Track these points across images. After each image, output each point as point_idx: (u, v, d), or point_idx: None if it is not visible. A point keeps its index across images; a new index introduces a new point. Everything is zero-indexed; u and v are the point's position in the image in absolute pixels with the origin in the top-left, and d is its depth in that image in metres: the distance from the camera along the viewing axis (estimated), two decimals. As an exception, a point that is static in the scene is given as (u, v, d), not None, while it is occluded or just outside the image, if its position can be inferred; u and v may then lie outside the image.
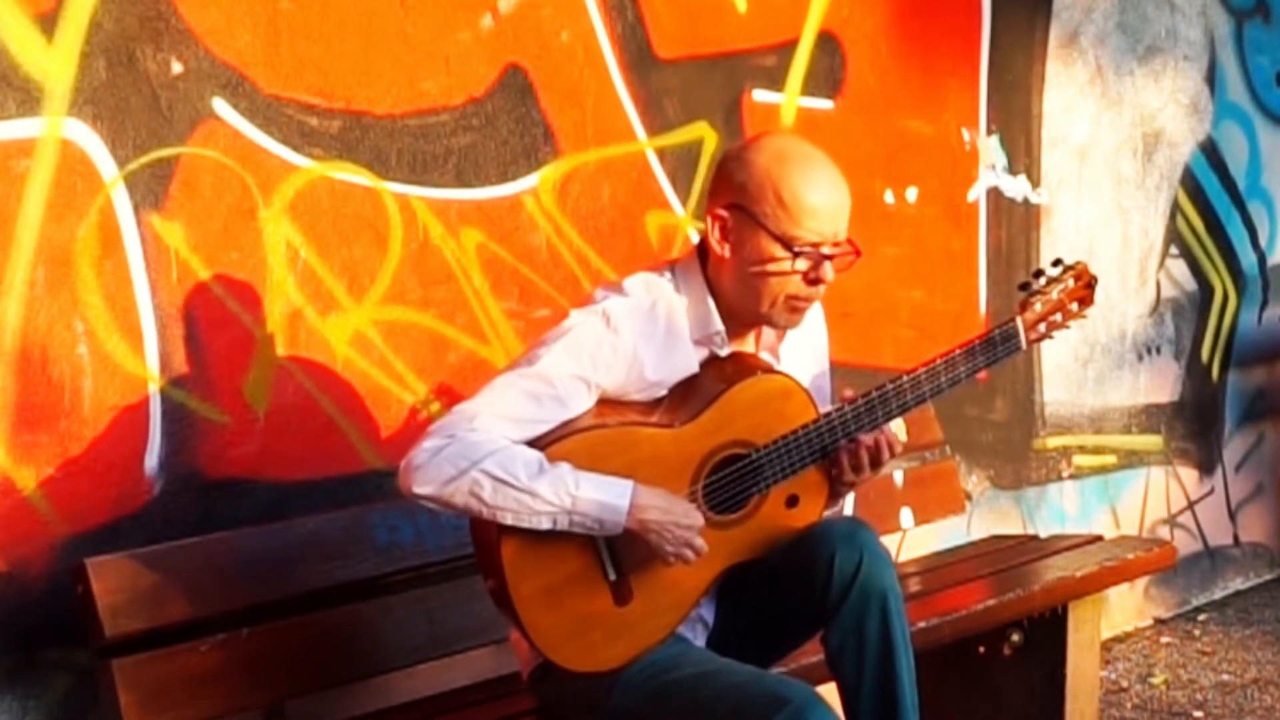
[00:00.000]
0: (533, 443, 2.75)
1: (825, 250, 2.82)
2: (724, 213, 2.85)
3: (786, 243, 2.80)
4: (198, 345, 3.24)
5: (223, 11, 3.28)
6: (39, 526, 3.01)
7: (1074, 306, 3.12)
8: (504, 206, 3.75)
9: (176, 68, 3.21)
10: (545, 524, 2.70)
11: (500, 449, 2.69)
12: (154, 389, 3.17)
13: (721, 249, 2.86)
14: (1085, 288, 3.13)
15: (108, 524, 3.09)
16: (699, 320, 2.89)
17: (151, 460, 3.16)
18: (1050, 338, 3.12)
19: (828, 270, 2.83)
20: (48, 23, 3.04)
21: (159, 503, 3.17)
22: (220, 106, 3.28)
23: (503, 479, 2.66)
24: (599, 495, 2.70)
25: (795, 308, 2.87)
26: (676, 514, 2.76)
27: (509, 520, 2.69)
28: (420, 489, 2.70)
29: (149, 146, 3.18)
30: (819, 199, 2.80)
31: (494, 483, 2.66)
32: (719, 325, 2.89)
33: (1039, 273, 3.12)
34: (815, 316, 3.11)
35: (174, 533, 3.11)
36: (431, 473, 2.69)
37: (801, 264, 2.81)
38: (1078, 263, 3.15)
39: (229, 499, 3.26)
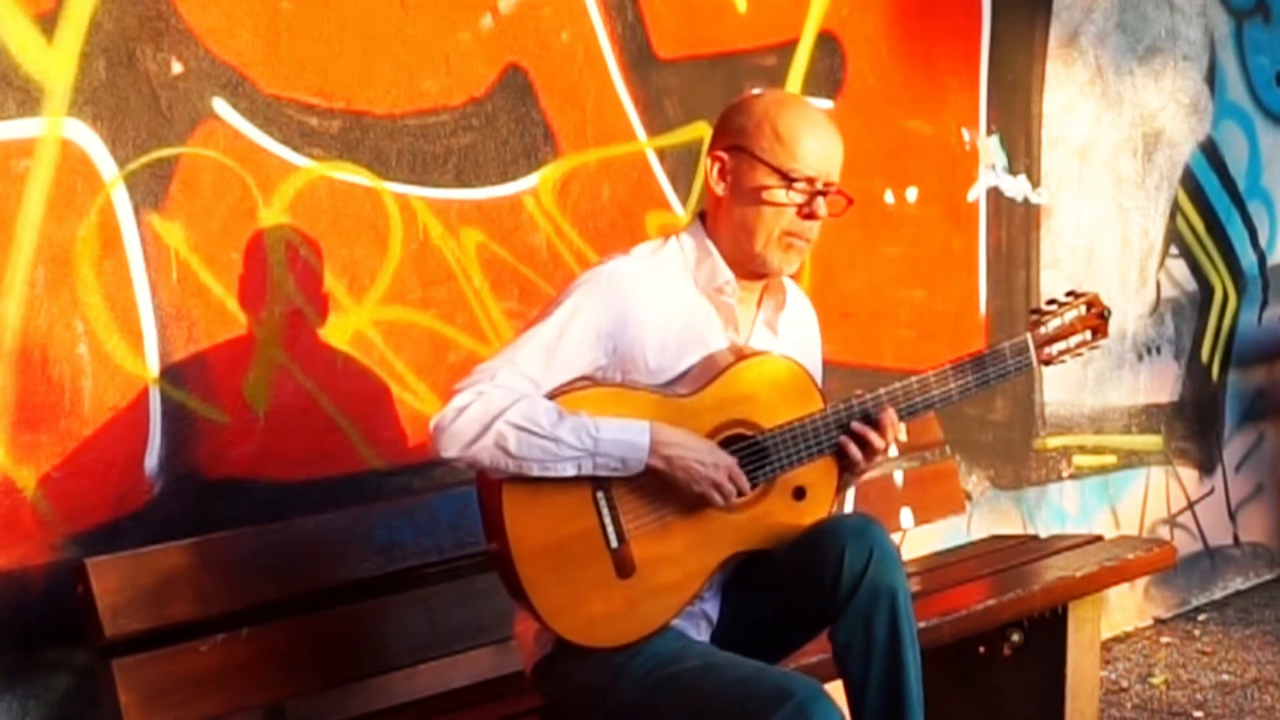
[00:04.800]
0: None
1: (819, 186, 2.89)
2: (723, 154, 2.94)
3: (783, 174, 2.87)
4: (198, 345, 3.24)
5: (223, 11, 3.28)
6: (39, 526, 3.01)
7: (1087, 335, 3.18)
8: (504, 206, 3.75)
9: (176, 68, 3.21)
10: (570, 470, 2.74)
11: (521, 399, 2.74)
12: (154, 389, 3.17)
13: (719, 188, 2.94)
14: (1098, 317, 3.19)
15: (108, 524, 3.09)
16: (708, 275, 2.94)
17: (151, 460, 3.16)
18: (1061, 362, 3.16)
19: (821, 205, 2.90)
20: (48, 23, 3.04)
21: (159, 503, 3.17)
22: (220, 106, 3.28)
23: (527, 428, 2.70)
24: (620, 435, 2.75)
25: (790, 244, 2.91)
26: (700, 451, 2.79)
27: (535, 471, 2.72)
28: (449, 451, 2.75)
29: (149, 146, 3.18)
30: (814, 138, 2.90)
31: (518, 433, 2.70)
32: (728, 274, 2.93)
33: (1051, 300, 3.21)
34: (811, 326, 3.15)
35: (174, 533, 3.10)
36: (458, 432, 2.73)
37: (796, 196, 2.88)
38: (1090, 292, 3.21)
39: (229, 499, 3.26)
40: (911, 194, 4.76)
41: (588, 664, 2.82)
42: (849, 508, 3.25)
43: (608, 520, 2.80)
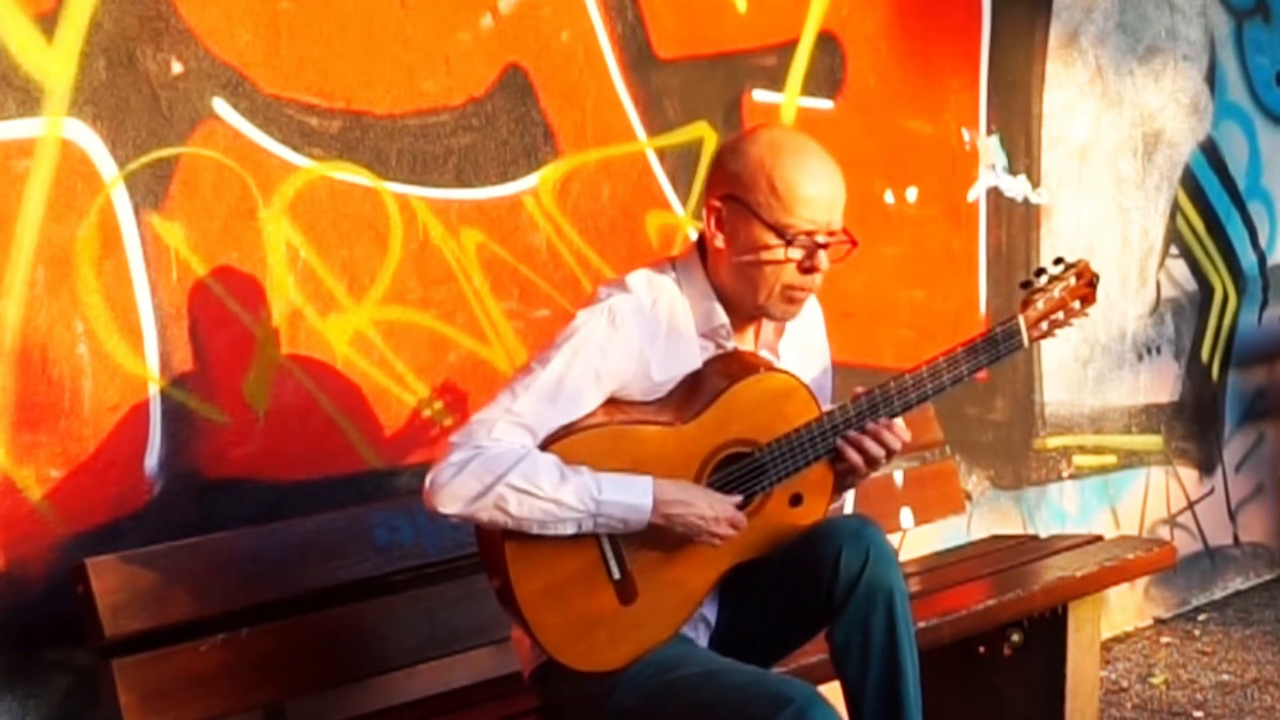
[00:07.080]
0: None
1: (819, 239, 2.83)
2: (718, 203, 2.86)
3: (780, 231, 2.80)
4: (198, 345, 3.24)
5: (223, 11, 3.28)
6: (39, 526, 3.01)
7: (1076, 305, 3.12)
8: (504, 206, 3.75)
9: (176, 68, 3.21)
10: (570, 529, 2.71)
11: (522, 459, 2.69)
12: (154, 389, 3.17)
13: (717, 240, 2.87)
14: (1087, 286, 3.13)
15: (108, 524, 3.09)
16: (704, 315, 2.89)
17: (151, 460, 3.16)
18: (1052, 336, 3.11)
19: (822, 259, 2.84)
20: (48, 23, 3.04)
21: (159, 503, 3.17)
22: (220, 106, 3.28)
23: (528, 490, 2.66)
24: (622, 497, 2.72)
25: (791, 298, 2.87)
26: (700, 505, 2.77)
27: (534, 529, 2.70)
28: (447, 509, 2.70)
29: (149, 146, 3.18)
30: (812, 188, 2.81)
31: (519, 495, 2.66)
32: (724, 318, 2.89)
33: (1041, 271, 3.12)
34: (814, 314, 3.11)
35: (174, 533, 3.10)
36: (457, 490, 2.68)
37: (795, 252, 2.82)
38: (1079, 260, 3.15)
39: (229, 499, 3.26)
40: (911, 194, 4.76)
41: (588, 672, 2.81)
42: (849, 508, 3.24)
43: (609, 554, 2.79)
